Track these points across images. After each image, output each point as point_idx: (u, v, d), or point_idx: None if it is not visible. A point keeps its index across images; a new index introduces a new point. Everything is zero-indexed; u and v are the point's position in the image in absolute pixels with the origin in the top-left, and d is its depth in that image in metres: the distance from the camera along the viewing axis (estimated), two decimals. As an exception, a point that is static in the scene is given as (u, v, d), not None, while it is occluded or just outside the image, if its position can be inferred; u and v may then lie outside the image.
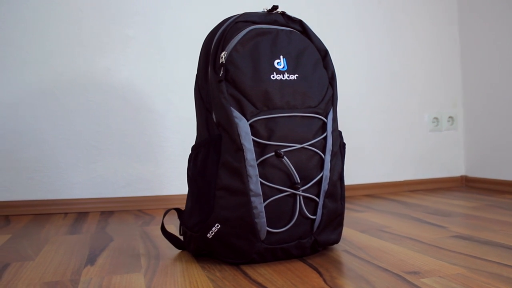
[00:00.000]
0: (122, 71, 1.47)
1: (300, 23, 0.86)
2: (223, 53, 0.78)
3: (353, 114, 1.70)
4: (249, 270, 0.76)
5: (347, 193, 1.67)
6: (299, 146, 0.77)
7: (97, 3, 1.44)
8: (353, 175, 1.70)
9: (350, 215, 1.27)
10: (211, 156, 0.78)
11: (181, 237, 0.99)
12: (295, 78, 0.79)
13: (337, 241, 0.87)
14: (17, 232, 1.12)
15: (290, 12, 1.62)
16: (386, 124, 1.75)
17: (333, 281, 0.69)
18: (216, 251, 0.79)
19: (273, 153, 0.74)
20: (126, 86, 1.48)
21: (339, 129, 1.66)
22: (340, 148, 0.85)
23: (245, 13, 0.84)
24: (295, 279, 0.71)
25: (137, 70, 1.48)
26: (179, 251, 0.90)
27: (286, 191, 0.76)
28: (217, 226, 0.76)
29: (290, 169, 0.75)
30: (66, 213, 1.38)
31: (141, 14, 1.49)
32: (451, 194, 1.62)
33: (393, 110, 1.76)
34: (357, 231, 1.05)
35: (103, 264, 0.82)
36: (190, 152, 1.33)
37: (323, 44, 0.86)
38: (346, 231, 1.05)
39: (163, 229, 0.91)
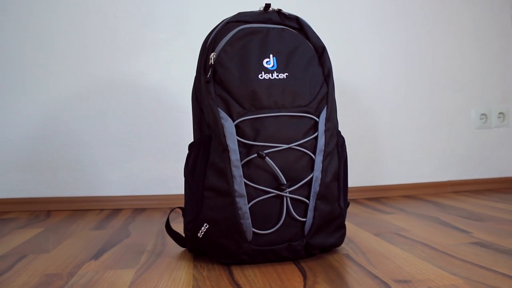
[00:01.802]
0: (155, 73, 1.52)
1: (296, 20, 0.84)
2: (212, 54, 0.79)
3: (391, 111, 1.62)
4: (237, 270, 0.76)
5: (382, 194, 1.60)
6: (286, 146, 0.75)
7: (130, 9, 1.51)
8: (390, 175, 1.62)
9: (374, 217, 1.22)
10: (200, 157, 0.79)
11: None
12: (285, 77, 0.77)
13: (337, 244, 0.84)
14: (50, 226, 1.21)
15: (319, 8, 1.58)
16: (428, 121, 1.65)
17: (313, 286, 0.67)
18: (207, 251, 0.80)
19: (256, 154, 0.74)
20: (158, 88, 1.53)
21: (370, 127, 1.60)
22: (337, 148, 0.81)
23: (238, 13, 0.83)
24: (276, 282, 0.69)
25: (169, 72, 1.53)
26: (184, 249, 0.92)
27: (271, 192, 0.74)
28: (206, 226, 0.77)
29: (274, 170, 0.74)
30: (101, 210, 1.47)
31: (172, 18, 1.53)
32: (497, 196, 1.49)
33: (436, 106, 1.65)
34: (371, 234, 1.01)
35: (106, 259, 0.86)
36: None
37: (320, 41, 0.83)
38: (359, 234, 1.01)
39: (167, 226, 0.93)
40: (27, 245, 0.99)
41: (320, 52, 0.82)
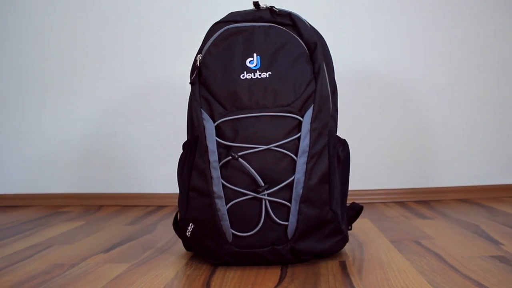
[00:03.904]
0: (197, 75, 1.57)
1: (289, 16, 0.81)
2: (198, 55, 0.80)
3: (446, 108, 1.48)
4: (220, 271, 0.76)
5: (434, 197, 1.47)
6: (264, 147, 0.73)
7: (173, 13, 1.57)
8: (445, 176, 1.49)
9: (407, 221, 1.13)
10: (188, 157, 0.81)
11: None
12: (267, 76, 0.75)
13: (331, 251, 0.80)
14: (92, 220, 1.31)
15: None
16: (490, 118, 1.48)
17: (280, 293, 0.65)
18: (197, 250, 0.81)
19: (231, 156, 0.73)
20: (201, 89, 1.58)
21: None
22: (328, 149, 0.77)
23: (230, 13, 0.83)
24: (246, 286, 0.68)
25: (210, 73, 1.56)
26: (190, 247, 0.94)
27: (248, 194, 0.73)
28: (191, 225, 0.78)
29: (250, 172, 0.72)
30: (147, 206, 1.55)
31: (211, 20, 1.56)
32: None
33: (501, 101, 1.48)
34: (389, 240, 0.94)
35: (114, 253, 0.91)
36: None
37: (314, 37, 0.80)
38: (375, 239, 0.94)
39: (174, 224, 0.96)
40: (59, 236, 1.09)
41: (312, 48, 0.79)
